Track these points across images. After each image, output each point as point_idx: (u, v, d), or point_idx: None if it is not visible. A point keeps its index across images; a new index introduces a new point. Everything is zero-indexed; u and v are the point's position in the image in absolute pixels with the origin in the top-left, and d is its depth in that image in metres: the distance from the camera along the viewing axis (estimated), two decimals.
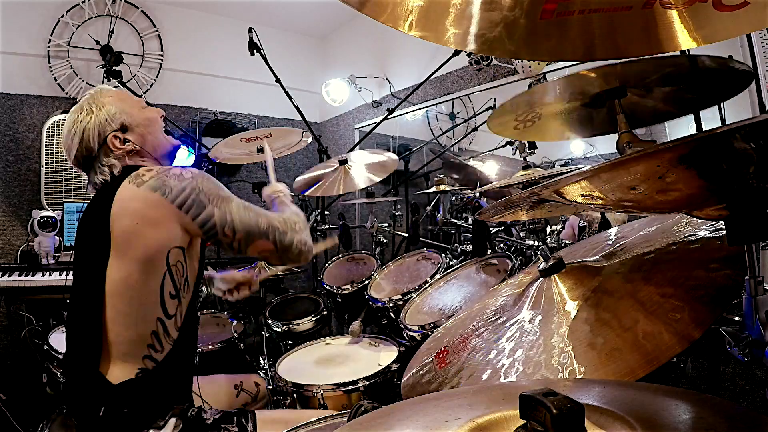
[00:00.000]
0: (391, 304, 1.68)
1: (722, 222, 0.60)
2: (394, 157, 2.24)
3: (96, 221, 1.10)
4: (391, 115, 2.94)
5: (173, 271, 1.09)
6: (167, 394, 1.10)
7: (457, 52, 2.60)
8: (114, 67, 2.71)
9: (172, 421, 1.03)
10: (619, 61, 0.91)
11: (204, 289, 1.51)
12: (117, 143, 1.16)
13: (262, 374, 1.66)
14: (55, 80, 3.10)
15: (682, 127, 1.75)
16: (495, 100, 2.88)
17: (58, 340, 1.65)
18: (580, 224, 2.28)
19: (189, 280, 1.14)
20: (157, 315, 1.07)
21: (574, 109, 1.07)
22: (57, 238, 2.81)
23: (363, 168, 2.20)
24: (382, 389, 1.36)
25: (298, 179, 2.33)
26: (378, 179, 2.14)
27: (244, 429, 1.10)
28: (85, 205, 1.22)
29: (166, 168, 1.14)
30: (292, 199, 1.47)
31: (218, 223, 1.11)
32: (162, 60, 3.52)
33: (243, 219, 1.14)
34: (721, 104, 1.39)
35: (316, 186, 2.23)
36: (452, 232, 2.46)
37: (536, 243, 1.79)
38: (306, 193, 2.26)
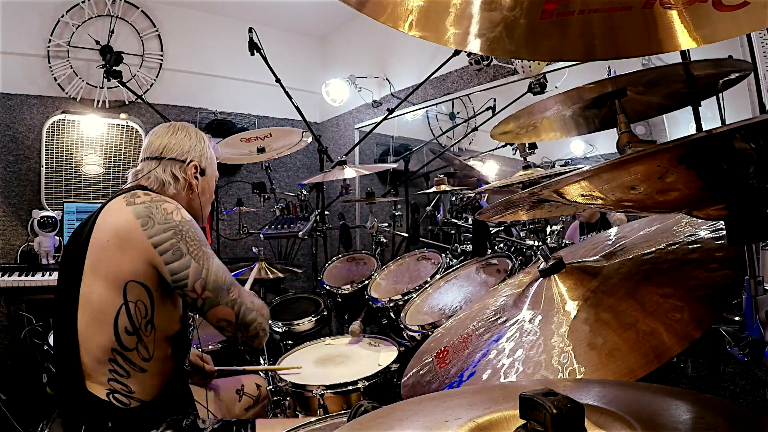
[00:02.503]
0: (391, 304, 1.68)
1: (722, 222, 0.60)
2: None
3: (85, 229, 1.11)
4: (391, 115, 2.93)
5: (131, 307, 1.04)
6: (159, 414, 1.09)
7: (457, 52, 2.60)
8: (114, 67, 2.70)
9: None
10: (613, 76, 0.93)
11: None
12: (192, 170, 1.26)
13: (262, 374, 1.66)
14: (55, 80, 3.10)
15: (682, 127, 1.75)
16: (495, 100, 2.88)
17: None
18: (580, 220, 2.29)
19: (155, 324, 1.08)
20: (112, 345, 1.03)
21: (575, 112, 1.07)
22: (57, 238, 2.81)
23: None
24: (382, 389, 1.36)
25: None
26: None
27: None
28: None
29: (161, 199, 1.12)
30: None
31: (191, 276, 1.07)
32: (162, 60, 3.52)
33: (217, 280, 1.10)
34: (721, 104, 1.39)
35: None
36: (452, 232, 2.46)
37: (536, 243, 1.79)
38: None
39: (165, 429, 1.04)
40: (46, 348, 1.63)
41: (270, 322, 1.97)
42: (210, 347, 1.73)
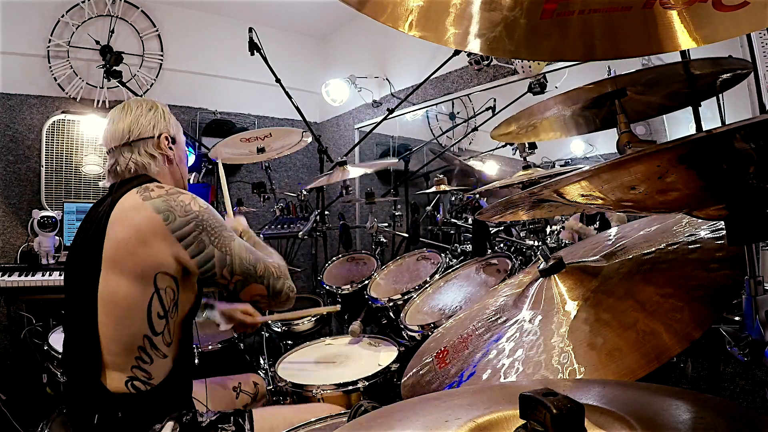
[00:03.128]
0: (391, 304, 1.68)
1: (722, 222, 0.60)
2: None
3: (95, 225, 1.10)
4: (391, 115, 2.93)
5: (162, 294, 1.07)
6: (164, 403, 1.09)
7: (457, 52, 2.60)
8: (114, 67, 2.71)
9: (170, 424, 1.03)
10: (613, 76, 0.93)
11: (202, 313, 1.51)
12: (165, 143, 1.24)
13: (261, 374, 1.66)
14: (55, 80, 3.10)
15: (681, 127, 1.75)
16: (495, 100, 2.88)
17: (58, 340, 1.64)
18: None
19: (179, 305, 1.12)
20: (144, 333, 1.06)
21: (575, 112, 1.07)
22: (57, 238, 2.81)
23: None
24: (382, 389, 1.36)
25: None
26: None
27: (241, 428, 1.10)
28: (90, 206, 1.23)
29: (176, 191, 1.13)
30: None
31: (218, 265, 1.10)
32: (162, 60, 3.52)
33: (243, 262, 1.13)
34: (721, 104, 1.39)
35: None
36: (452, 232, 2.46)
37: (536, 243, 1.79)
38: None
39: (167, 421, 1.04)
40: (46, 348, 1.63)
41: (269, 322, 1.98)
42: (210, 347, 1.73)
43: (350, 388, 1.33)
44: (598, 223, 2.14)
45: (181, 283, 1.11)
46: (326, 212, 2.68)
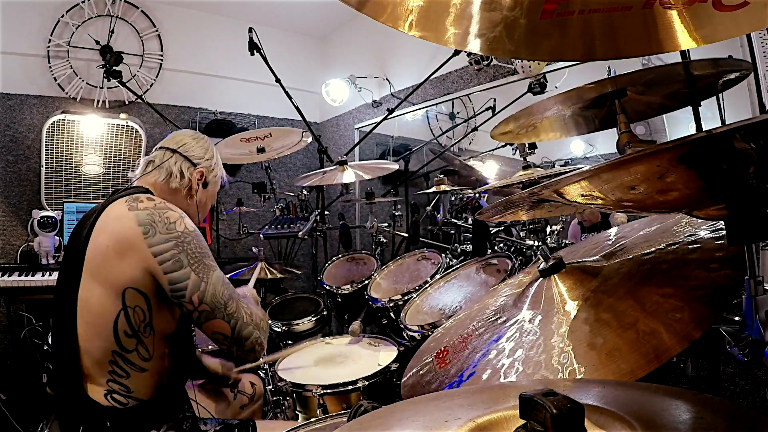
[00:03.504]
0: (391, 304, 1.68)
1: (722, 222, 0.60)
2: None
3: (83, 231, 1.10)
4: (391, 115, 2.93)
5: (129, 312, 1.04)
6: (155, 416, 1.08)
7: (457, 52, 2.60)
8: (114, 67, 2.71)
9: None
10: (613, 76, 0.93)
11: None
12: (197, 177, 1.29)
13: (261, 374, 1.66)
14: (55, 80, 3.10)
15: (681, 126, 1.75)
16: (495, 100, 2.88)
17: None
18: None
19: (154, 326, 1.08)
20: (112, 348, 1.03)
21: (575, 112, 1.07)
22: (57, 238, 2.81)
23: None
24: (382, 389, 1.36)
25: None
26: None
27: None
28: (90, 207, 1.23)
29: (165, 206, 1.11)
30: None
31: (189, 288, 1.05)
32: (162, 60, 3.52)
33: (215, 294, 1.08)
34: (721, 104, 1.39)
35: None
36: (452, 232, 2.46)
37: (536, 243, 1.79)
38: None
39: (166, 430, 1.04)
40: (46, 348, 1.63)
41: (270, 322, 1.98)
42: (210, 347, 1.73)
43: (350, 387, 1.33)
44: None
45: (154, 304, 1.07)
46: (326, 212, 2.68)
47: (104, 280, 1.03)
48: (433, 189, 2.12)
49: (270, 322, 1.99)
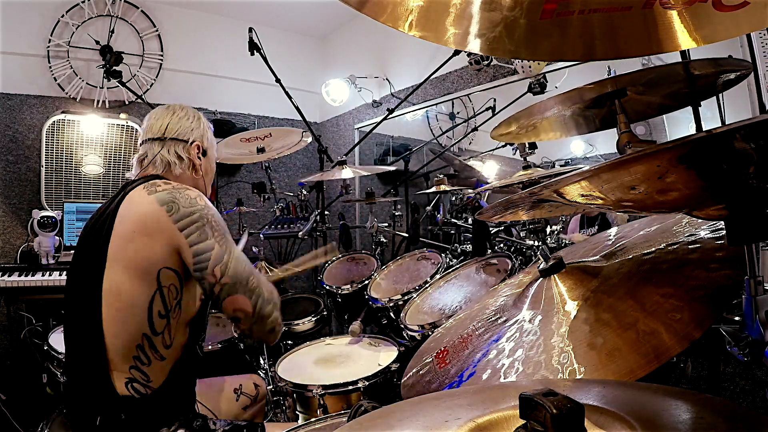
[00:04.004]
0: (391, 304, 1.68)
1: (722, 222, 0.60)
2: None
3: (102, 221, 1.11)
4: (391, 115, 2.93)
5: (164, 291, 1.06)
6: (167, 407, 1.09)
7: (457, 52, 2.60)
8: (114, 67, 2.71)
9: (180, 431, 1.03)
10: (613, 76, 0.93)
11: None
12: (195, 151, 1.27)
13: (261, 374, 1.66)
14: (55, 80, 3.10)
15: (681, 126, 1.75)
16: (495, 100, 2.88)
17: (58, 340, 1.64)
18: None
19: (182, 305, 1.10)
20: (143, 331, 1.05)
21: (575, 112, 1.07)
22: (57, 238, 2.81)
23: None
24: (382, 389, 1.36)
25: None
26: None
27: None
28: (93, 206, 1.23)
29: (183, 186, 1.13)
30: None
31: (213, 259, 1.05)
32: (162, 60, 3.52)
33: (238, 266, 1.08)
34: (721, 104, 1.39)
35: None
36: (452, 232, 2.46)
37: (536, 243, 1.79)
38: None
39: (177, 428, 1.04)
40: (46, 348, 1.63)
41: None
42: (210, 347, 1.73)
43: (350, 388, 1.33)
44: (597, 226, 2.14)
45: (185, 282, 1.10)
46: (326, 212, 2.68)
47: (135, 265, 1.05)
48: (433, 189, 2.12)
49: None
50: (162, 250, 1.06)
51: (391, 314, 1.69)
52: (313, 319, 2.02)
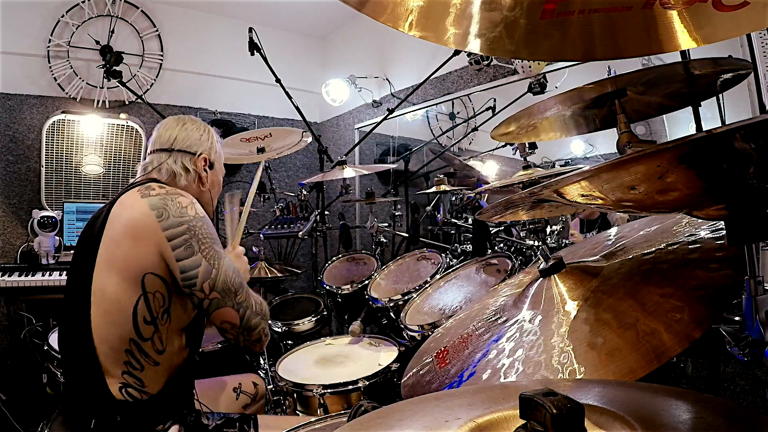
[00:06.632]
0: (391, 304, 1.68)
1: (722, 222, 0.60)
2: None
3: (96, 223, 1.11)
4: (391, 115, 2.93)
5: (149, 297, 1.05)
6: (164, 411, 1.09)
7: (457, 52, 2.60)
8: (114, 67, 2.71)
9: (175, 428, 1.03)
10: (613, 76, 0.93)
11: None
12: (202, 163, 1.28)
13: (261, 374, 1.66)
14: (55, 80, 3.10)
15: (681, 126, 1.75)
16: (495, 100, 2.88)
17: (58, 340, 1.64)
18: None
19: (171, 313, 1.09)
20: (130, 336, 1.04)
21: (575, 112, 1.07)
22: (57, 238, 2.81)
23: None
24: (382, 389, 1.36)
25: None
26: None
27: None
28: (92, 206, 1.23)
29: (176, 192, 1.13)
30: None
31: (200, 276, 1.06)
32: (162, 60, 3.52)
33: (226, 281, 1.09)
34: (721, 104, 1.39)
35: None
36: (452, 232, 2.46)
37: (536, 243, 1.79)
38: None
39: (171, 424, 1.04)
40: (46, 348, 1.63)
41: (270, 322, 1.98)
42: (210, 347, 1.73)
43: (350, 387, 1.33)
44: (598, 228, 2.14)
45: (173, 289, 1.08)
46: (326, 212, 2.68)
47: (121, 268, 1.04)
48: (433, 189, 2.12)
49: (270, 321, 1.99)
50: (149, 254, 1.05)
51: (391, 314, 1.69)
52: (313, 319, 2.02)
